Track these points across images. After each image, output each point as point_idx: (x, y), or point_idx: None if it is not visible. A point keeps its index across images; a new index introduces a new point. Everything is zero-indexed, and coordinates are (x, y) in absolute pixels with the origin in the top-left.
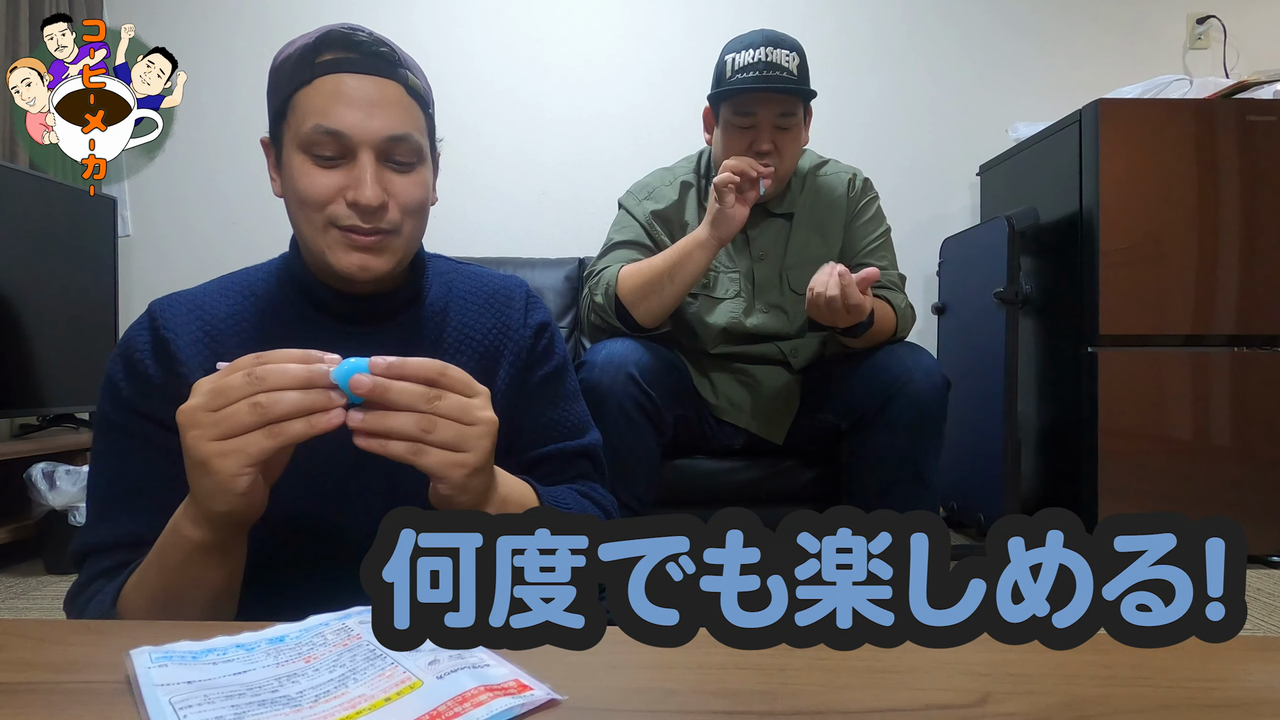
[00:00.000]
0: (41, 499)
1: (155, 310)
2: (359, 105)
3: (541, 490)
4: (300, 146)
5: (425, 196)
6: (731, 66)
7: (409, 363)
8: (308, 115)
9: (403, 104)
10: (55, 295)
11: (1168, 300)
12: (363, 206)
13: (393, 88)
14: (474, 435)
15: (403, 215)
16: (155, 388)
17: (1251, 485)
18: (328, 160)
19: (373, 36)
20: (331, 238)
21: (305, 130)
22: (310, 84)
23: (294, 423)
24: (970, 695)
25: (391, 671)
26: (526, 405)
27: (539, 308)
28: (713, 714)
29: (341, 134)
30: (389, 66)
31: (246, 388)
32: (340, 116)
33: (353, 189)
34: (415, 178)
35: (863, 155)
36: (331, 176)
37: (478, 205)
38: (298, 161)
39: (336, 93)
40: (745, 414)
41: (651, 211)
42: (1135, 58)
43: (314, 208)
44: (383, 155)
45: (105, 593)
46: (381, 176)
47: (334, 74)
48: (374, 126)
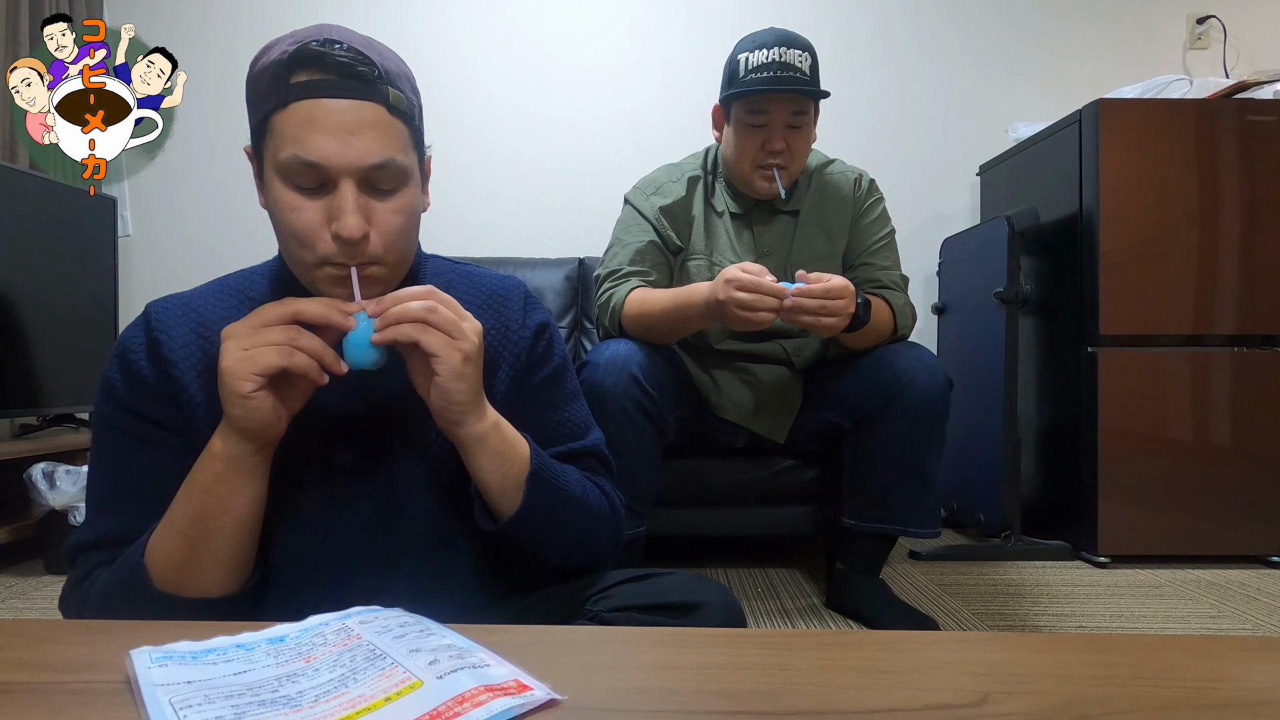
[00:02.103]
0: (41, 499)
1: (151, 312)
2: (335, 133)
3: (537, 450)
4: (279, 174)
5: (408, 221)
6: (745, 66)
7: (402, 292)
8: (284, 143)
9: (383, 126)
10: (55, 295)
11: (1168, 300)
12: (344, 239)
13: (372, 110)
14: (467, 327)
15: (384, 246)
16: (150, 388)
17: (1251, 485)
18: (308, 191)
19: (350, 52)
20: (323, 274)
21: (283, 159)
22: (285, 108)
23: (301, 356)
24: (970, 695)
25: (391, 671)
26: (527, 407)
27: (537, 308)
28: (713, 714)
29: (319, 165)
30: (367, 86)
31: (283, 317)
32: (317, 146)
33: (335, 219)
34: (398, 202)
35: (863, 155)
36: (315, 209)
37: (478, 206)
38: (279, 189)
39: (311, 120)
40: (747, 413)
41: (660, 207)
42: (1135, 58)
43: (302, 245)
44: (364, 182)
45: (122, 559)
46: (364, 204)
47: (309, 99)
48: (353, 156)
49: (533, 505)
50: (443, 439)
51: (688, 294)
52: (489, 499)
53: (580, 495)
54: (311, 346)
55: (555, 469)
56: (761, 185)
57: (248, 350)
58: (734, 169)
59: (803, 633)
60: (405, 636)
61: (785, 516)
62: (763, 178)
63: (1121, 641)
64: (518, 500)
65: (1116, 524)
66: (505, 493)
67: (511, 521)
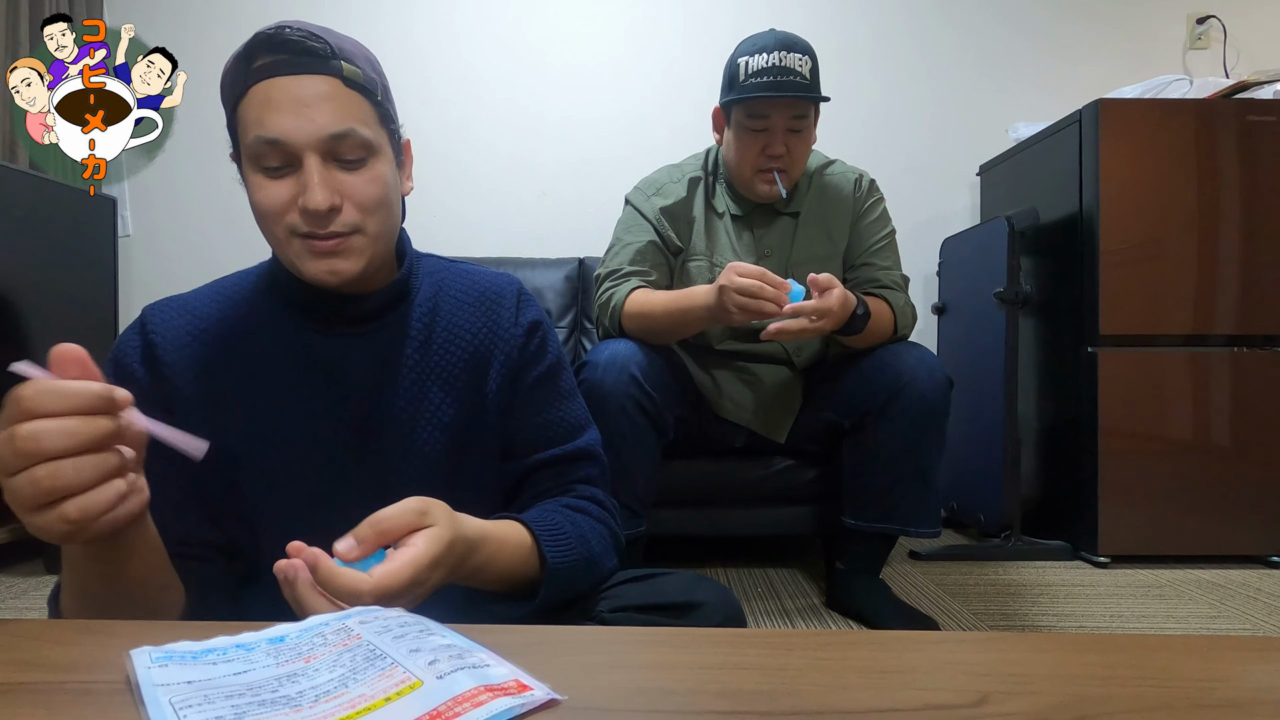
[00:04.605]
0: None
1: (147, 315)
2: (290, 109)
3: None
4: (249, 160)
5: (383, 192)
6: (745, 70)
7: None
8: (247, 127)
9: (339, 98)
10: (55, 295)
11: (1168, 300)
12: (311, 211)
13: (326, 82)
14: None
15: (361, 214)
16: (141, 390)
17: (1251, 485)
18: (276, 171)
19: (302, 31)
20: (295, 247)
21: (249, 143)
22: (246, 94)
23: (95, 502)
24: (970, 695)
25: (391, 671)
26: (521, 407)
27: (531, 306)
28: (713, 714)
29: (279, 141)
30: (318, 61)
31: (15, 457)
32: (274, 124)
33: (302, 195)
34: (368, 174)
35: (863, 155)
36: (282, 187)
37: (478, 205)
38: (251, 176)
39: (268, 99)
40: (747, 412)
41: (660, 208)
42: (1135, 58)
43: (272, 220)
44: (329, 155)
45: (52, 597)
46: (331, 178)
47: (265, 79)
48: (310, 128)
49: (547, 599)
50: (437, 440)
51: (689, 295)
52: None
53: (586, 556)
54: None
55: (560, 557)
56: (762, 189)
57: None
58: (734, 172)
59: (803, 633)
60: (405, 636)
61: (785, 516)
62: (763, 181)
63: (1121, 641)
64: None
65: (1116, 524)
66: (519, 583)
67: (534, 609)
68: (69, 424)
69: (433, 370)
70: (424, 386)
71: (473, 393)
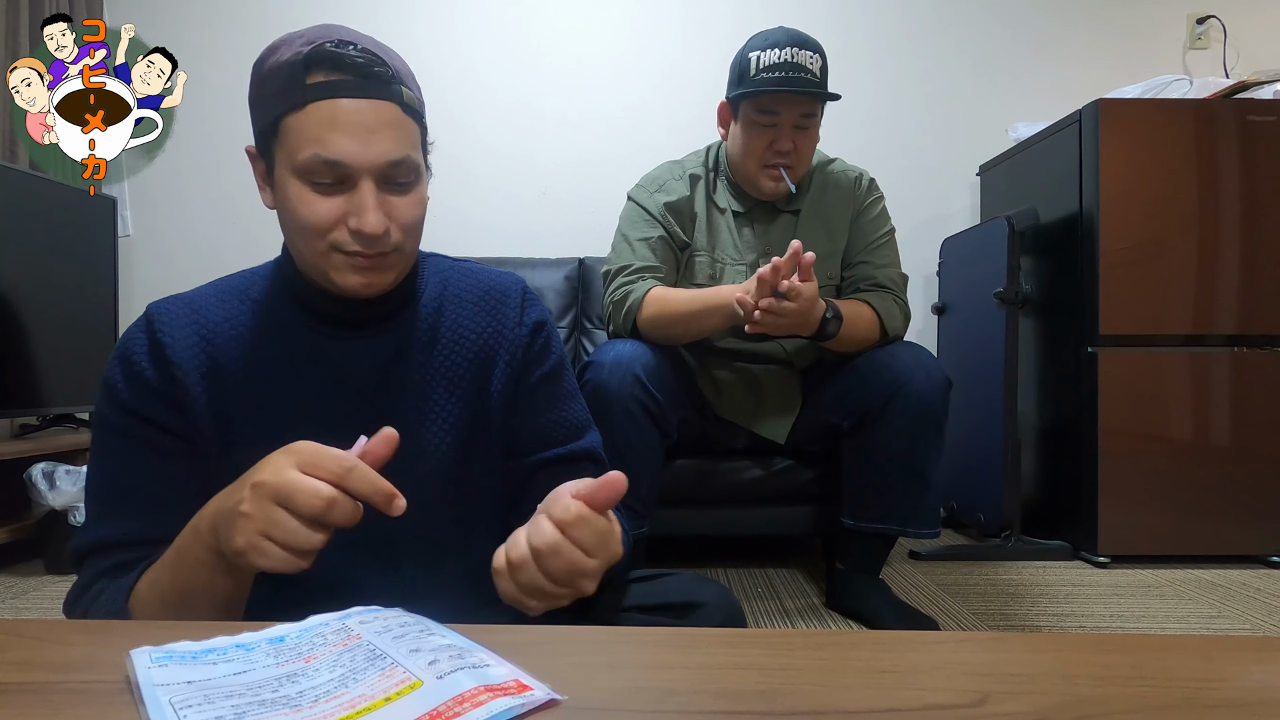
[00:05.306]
0: (41, 499)
1: (153, 313)
2: (356, 133)
3: None
4: (296, 173)
5: (424, 212)
6: (756, 65)
7: None
8: (303, 143)
9: (399, 124)
10: (55, 295)
11: (1168, 300)
12: (367, 235)
13: (389, 109)
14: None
15: (404, 235)
16: (152, 391)
17: (1251, 485)
18: (326, 187)
19: (365, 54)
20: (335, 261)
21: (301, 159)
22: (302, 109)
23: (318, 537)
24: (970, 695)
25: (391, 671)
26: (525, 406)
27: (535, 306)
28: (713, 714)
29: (340, 164)
30: (383, 85)
31: (316, 505)
32: (338, 146)
33: (355, 216)
34: (414, 196)
35: (863, 155)
36: (332, 203)
37: (478, 205)
38: (294, 187)
39: (332, 120)
40: (748, 413)
41: (664, 204)
42: (1135, 58)
43: (316, 235)
44: (382, 179)
45: (113, 591)
46: (384, 202)
47: (327, 99)
48: (373, 154)
49: None
50: (443, 440)
51: (715, 293)
52: None
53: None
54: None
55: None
56: (766, 184)
57: (265, 542)
58: (739, 167)
59: (803, 633)
60: (405, 636)
61: (785, 516)
62: (768, 177)
63: (1121, 641)
64: None
65: (1116, 524)
66: None
67: None
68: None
69: (439, 370)
70: (430, 386)
71: (478, 392)
